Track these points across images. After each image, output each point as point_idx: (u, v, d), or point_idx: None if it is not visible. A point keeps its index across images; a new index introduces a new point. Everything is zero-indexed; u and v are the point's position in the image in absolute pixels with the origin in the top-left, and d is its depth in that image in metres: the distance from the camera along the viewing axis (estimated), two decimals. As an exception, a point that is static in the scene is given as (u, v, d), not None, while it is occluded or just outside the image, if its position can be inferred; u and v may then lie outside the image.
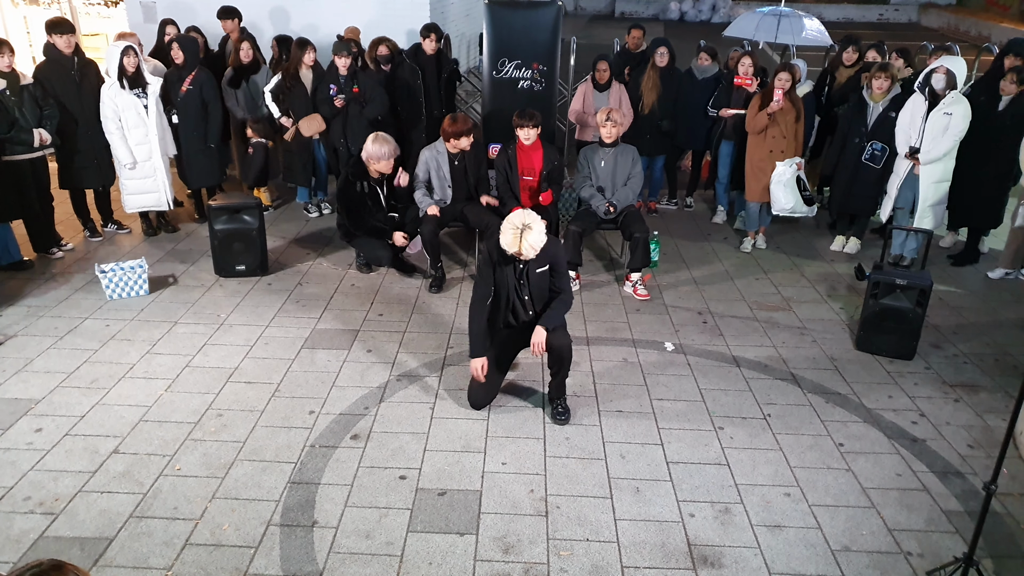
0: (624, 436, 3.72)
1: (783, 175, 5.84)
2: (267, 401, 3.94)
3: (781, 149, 5.90)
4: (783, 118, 5.84)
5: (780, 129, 5.87)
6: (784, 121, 5.85)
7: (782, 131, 5.87)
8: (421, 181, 5.51)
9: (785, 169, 5.84)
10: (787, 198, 5.89)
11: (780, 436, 3.75)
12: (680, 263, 6.01)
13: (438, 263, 5.43)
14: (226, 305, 5.06)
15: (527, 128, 5.30)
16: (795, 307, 5.26)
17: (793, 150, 5.93)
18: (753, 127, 5.95)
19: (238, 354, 4.41)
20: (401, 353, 4.47)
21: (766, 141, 5.94)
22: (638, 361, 4.45)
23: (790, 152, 5.92)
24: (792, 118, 5.86)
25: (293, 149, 6.48)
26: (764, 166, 5.97)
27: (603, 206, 5.39)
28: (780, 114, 5.81)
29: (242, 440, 3.60)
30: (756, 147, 6.00)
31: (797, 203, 5.91)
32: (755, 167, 6.04)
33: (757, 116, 5.87)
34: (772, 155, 5.92)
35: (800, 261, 6.10)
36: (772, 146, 5.91)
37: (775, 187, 5.89)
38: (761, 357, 4.54)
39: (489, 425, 3.78)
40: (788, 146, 5.90)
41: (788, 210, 5.92)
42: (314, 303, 5.12)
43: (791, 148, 5.92)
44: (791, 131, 5.89)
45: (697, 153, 7.29)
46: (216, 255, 5.45)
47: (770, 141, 5.92)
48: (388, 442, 3.62)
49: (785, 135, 5.87)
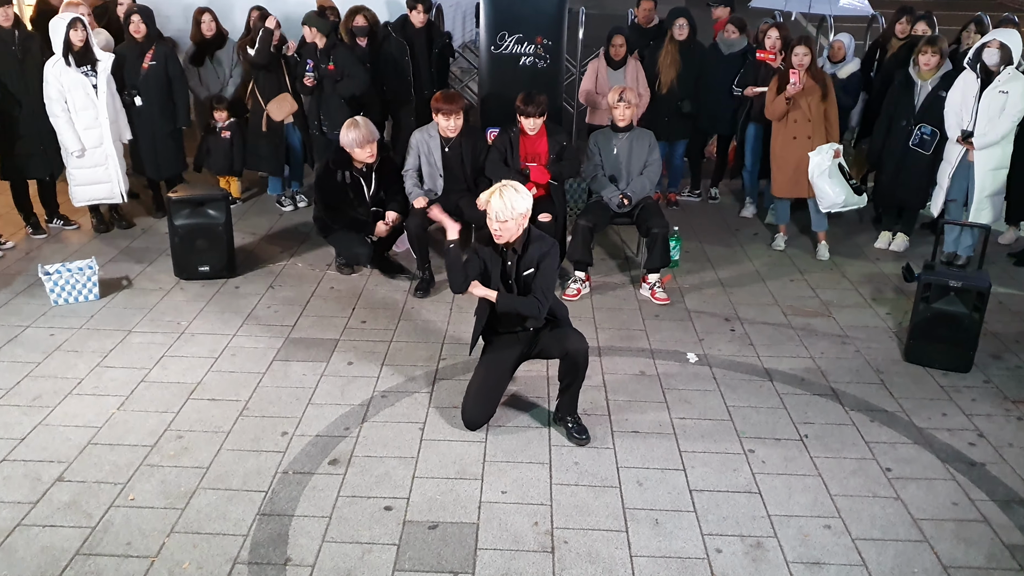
0: (641, 460, 3.71)
1: (821, 165, 5.73)
2: (234, 421, 3.92)
3: (807, 135, 5.83)
4: (805, 99, 5.78)
5: (803, 112, 5.81)
6: (807, 102, 5.78)
7: (805, 114, 5.81)
8: (411, 169, 5.51)
9: (822, 159, 5.73)
10: (836, 192, 5.75)
11: (819, 460, 3.74)
12: (704, 262, 5.99)
13: (426, 263, 5.43)
14: (187, 311, 5.05)
15: (533, 118, 5.31)
16: (835, 312, 5.24)
17: (823, 135, 5.84)
18: (772, 113, 5.93)
19: (201, 367, 4.40)
20: (387, 366, 4.45)
21: (787, 127, 5.89)
22: (657, 374, 4.44)
23: (819, 138, 5.82)
24: (816, 98, 5.78)
25: (262, 133, 6.49)
26: (787, 155, 5.91)
27: (616, 198, 5.38)
28: (802, 95, 5.75)
29: (205, 465, 3.58)
30: (778, 135, 5.98)
31: (848, 195, 5.77)
32: (778, 157, 6.02)
33: (775, 101, 5.84)
34: (796, 142, 5.85)
35: (841, 260, 6.07)
36: (795, 131, 5.86)
37: (817, 181, 5.78)
38: (797, 369, 4.53)
39: (487, 448, 3.76)
40: (816, 131, 5.83)
41: (840, 204, 5.80)
42: (288, 309, 5.11)
43: (819, 133, 5.83)
44: (817, 113, 5.81)
45: (723, 138, 7.30)
46: (176, 254, 5.44)
47: (792, 127, 5.86)
48: (372, 468, 3.60)
49: (810, 118, 5.81)
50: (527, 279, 3.78)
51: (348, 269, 5.66)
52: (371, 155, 5.30)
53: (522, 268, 3.77)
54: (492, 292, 3.76)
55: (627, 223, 5.60)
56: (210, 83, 6.81)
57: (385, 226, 5.44)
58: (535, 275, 3.77)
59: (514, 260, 3.78)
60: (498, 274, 3.80)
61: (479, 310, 3.92)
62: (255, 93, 6.46)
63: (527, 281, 3.78)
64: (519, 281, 3.79)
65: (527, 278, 3.78)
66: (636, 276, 5.71)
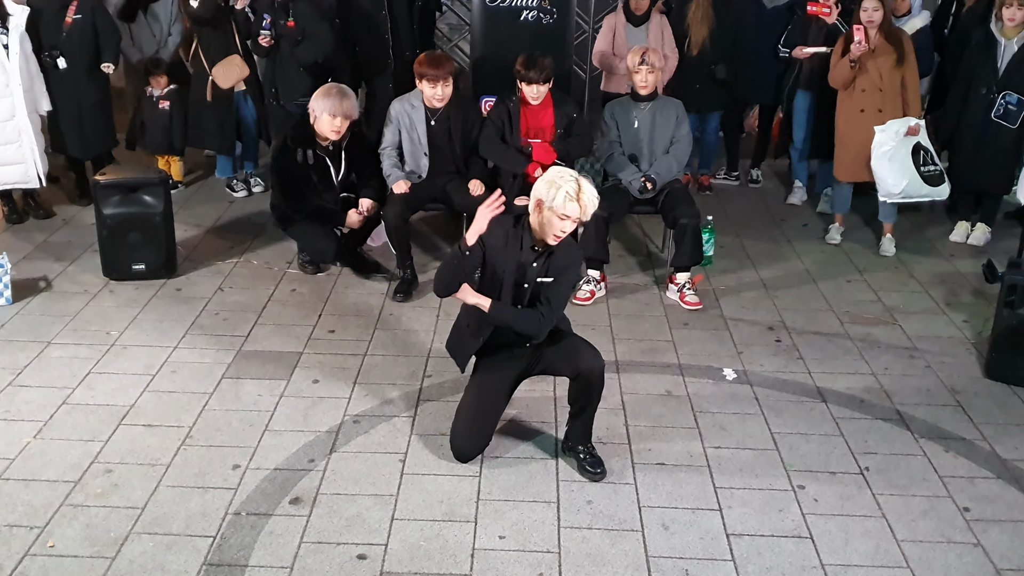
0: (667, 498, 3.70)
1: (883, 144, 5.73)
2: (174, 452, 3.91)
3: (877, 107, 5.83)
4: (876, 63, 5.78)
5: (871, 79, 5.81)
6: (878, 67, 5.79)
7: (875, 82, 5.82)
8: (390, 146, 5.51)
9: (887, 137, 5.72)
10: (895, 178, 5.76)
11: (882, 498, 3.73)
12: (743, 259, 6.00)
13: (407, 260, 5.42)
14: (118, 319, 5.04)
15: (535, 85, 5.31)
16: (902, 320, 5.25)
17: (897, 107, 5.84)
18: (835, 79, 5.93)
19: (135, 386, 4.39)
20: (360, 385, 4.45)
21: (853, 97, 5.90)
22: (686, 394, 4.44)
23: (893, 111, 5.83)
24: (891, 62, 5.79)
25: (207, 104, 6.49)
26: (853, 131, 5.92)
27: (638, 182, 5.39)
28: (871, 58, 5.75)
29: (140, 506, 3.57)
30: (842, 106, 5.99)
31: (912, 184, 5.76)
32: (842, 133, 6.03)
33: (839, 65, 5.84)
34: (864, 116, 5.85)
35: (909, 257, 6.08)
36: (863, 103, 5.87)
37: (876, 163, 5.78)
38: (855, 389, 4.53)
39: (481, 483, 3.75)
40: (888, 102, 5.84)
41: (898, 195, 5.82)
42: (240, 316, 5.11)
43: (893, 105, 5.84)
44: (891, 81, 5.82)
45: (765, 109, 7.31)
46: (105, 250, 5.44)
47: (859, 97, 5.86)
48: (342, 508, 3.59)
49: (881, 87, 5.81)
50: (540, 287, 3.75)
51: (313, 267, 5.66)
52: (337, 131, 5.29)
53: (541, 273, 3.74)
54: (485, 300, 3.72)
55: (650, 212, 5.61)
56: (144, 43, 6.81)
57: (358, 216, 5.44)
58: (550, 285, 3.74)
59: (542, 262, 3.73)
60: (512, 274, 3.74)
61: (471, 318, 3.90)
62: (199, 54, 6.46)
63: (540, 288, 3.75)
64: (532, 287, 3.75)
65: (541, 285, 3.75)
66: (661, 276, 5.70)
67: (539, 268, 3.74)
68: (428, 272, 5.69)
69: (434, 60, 5.38)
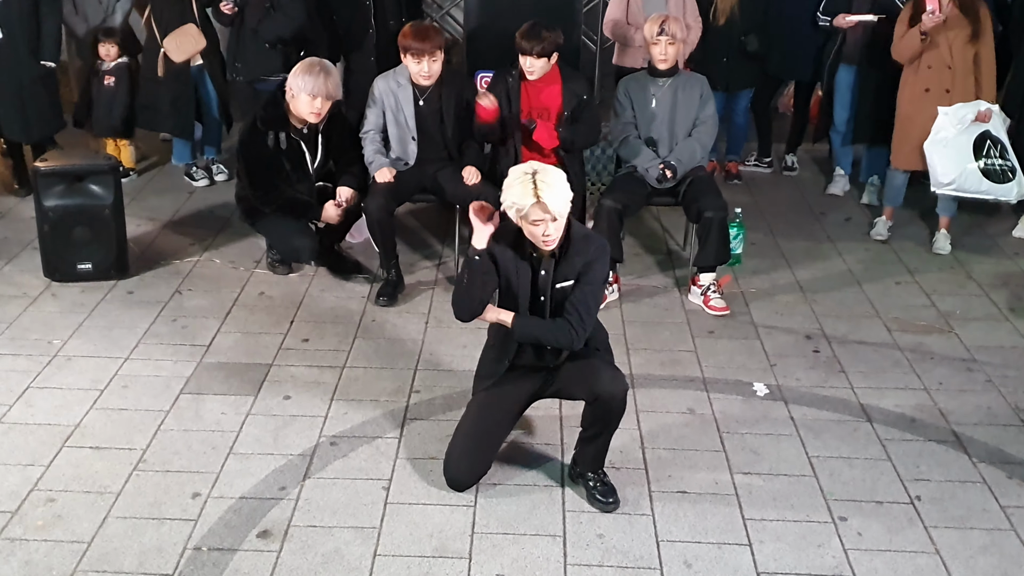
0: (690, 532, 3.69)
1: (944, 129, 5.74)
2: (126, 478, 3.90)
3: (945, 87, 5.83)
4: (946, 36, 5.76)
5: (940, 55, 5.81)
6: (948, 41, 5.77)
7: (944, 58, 5.81)
8: (373, 129, 5.51)
9: (949, 121, 5.72)
10: (946, 167, 5.76)
11: (936, 531, 3.72)
12: (778, 258, 5.99)
13: (392, 259, 5.42)
14: (62, 326, 5.03)
15: (529, 57, 5.31)
16: (959, 328, 5.24)
17: (968, 88, 5.83)
18: (901, 53, 5.91)
19: (80, 403, 4.38)
20: (338, 401, 4.45)
21: (918, 74, 5.90)
22: (711, 413, 4.44)
23: (962, 92, 5.82)
24: (964, 36, 5.78)
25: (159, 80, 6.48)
26: (916, 113, 5.92)
27: (656, 169, 5.38)
28: (941, 30, 5.73)
29: (86, 540, 3.55)
30: (907, 84, 5.98)
31: (968, 177, 5.73)
32: (904, 114, 6.02)
33: (906, 36, 5.83)
34: (929, 96, 5.85)
35: (966, 255, 6.07)
36: (929, 81, 5.87)
37: (930, 148, 5.79)
38: (905, 406, 4.52)
39: (477, 514, 3.74)
40: (958, 81, 5.83)
41: (948, 186, 5.81)
42: (200, 323, 5.11)
43: (963, 85, 5.83)
44: (963, 57, 5.81)
45: (802, 86, 7.31)
46: (47, 247, 5.44)
47: (924, 75, 5.87)
48: (317, 542, 3.58)
49: (951, 64, 5.81)
50: (563, 293, 3.73)
51: (284, 268, 5.66)
52: (317, 113, 5.27)
53: (558, 278, 3.73)
54: (507, 315, 3.72)
55: (671, 204, 5.60)
56: (89, 11, 6.80)
57: (336, 209, 5.43)
58: (574, 289, 3.73)
59: (550, 269, 3.72)
60: (528, 287, 3.74)
61: (496, 339, 3.88)
62: (151, 23, 6.45)
63: (564, 295, 3.73)
64: (552, 296, 3.73)
65: (563, 291, 3.73)
66: (683, 277, 5.70)
67: (554, 274, 3.72)
68: (416, 273, 5.71)
69: (420, 32, 5.37)
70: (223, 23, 6.44)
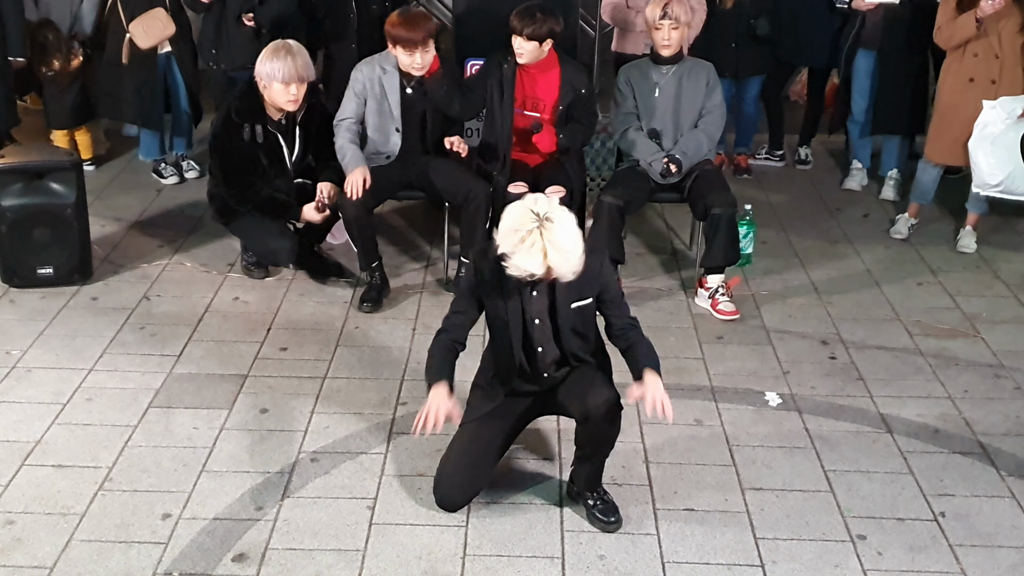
0: (697, 552, 3.68)
1: (990, 124, 5.74)
2: (91, 498, 3.89)
3: (991, 78, 5.85)
4: (995, 24, 5.76)
5: (987, 43, 5.83)
6: (998, 29, 5.78)
7: (992, 47, 5.83)
8: (351, 117, 5.45)
9: (996, 115, 5.72)
10: (994, 167, 5.74)
11: (961, 550, 3.72)
12: (791, 258, 6.02)
13: (373, 261, 5.41)
14: (20, 335, 5.04)
15: (520, 37, 5.29)
16: (986, 332, 5.26)
17: (1016, 80, 5.85)
18: (949, 38, 5.89)
19: (41, 418, 4.38)
20: (319, 415, 4.46)
21: (963, 63, 5.90)
22: (720, 424, 4.45)
23: (1010, 84, 5.83)
24: (1015, 24, 5.81)
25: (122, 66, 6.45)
26: (958, 104, 5.92)
27: (659, 163, 5.38)
28: (992, 18, 5.72)
29: (48, 565, 3.54)
30: (949, 72, 5.99)
31: (1017, 177, 5.71)
32: (945, 105, 6.02)
33: (958, 21, 5.81)
34: (974, 87, 5.87)
35: (993, 254, 6.11)
36: (974, 71, 5.88)
37: (975, 145, 5.78)
38: (928, 416, 4.53)
39: (469, 535, 3.73)
40: (1007, 72, 5.85)
41: (995, 188, 5.81)
42: (170, 331, 5.11)
43: (1012, 77, 5.85)
44: (1012, 46, 5.83)
45: (817, 73, 7.34)
46: (4, 250, 5.45)
47: (969, 64, 5.88)
48: (297, 566, 3.57)
49: (999, 53, 5.82)
50: (576, 313, 3.71)
51: (260, 271, 5.68)
52: (294, 100, 5.28)
53: (565, 298, 3.67)
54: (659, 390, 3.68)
55: (675, 200, 5.62)
56: (52, 5, 6.73)
57: (318, 206, 5.40)
58: (604, 305, 3.76)
59: (543, 290, 3.68)
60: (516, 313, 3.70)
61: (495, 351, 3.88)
62: (116, 7, 6.44)
63: (578, 315, 3.71)
64: (558, 316, 3.69)
65: (576, 312, 3.70)
66: (690, 279, 5.72)
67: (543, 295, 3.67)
68: (402, 276, 5.75)
69: (409, 21, 5.34)
70: (197, 10, 6.44)
